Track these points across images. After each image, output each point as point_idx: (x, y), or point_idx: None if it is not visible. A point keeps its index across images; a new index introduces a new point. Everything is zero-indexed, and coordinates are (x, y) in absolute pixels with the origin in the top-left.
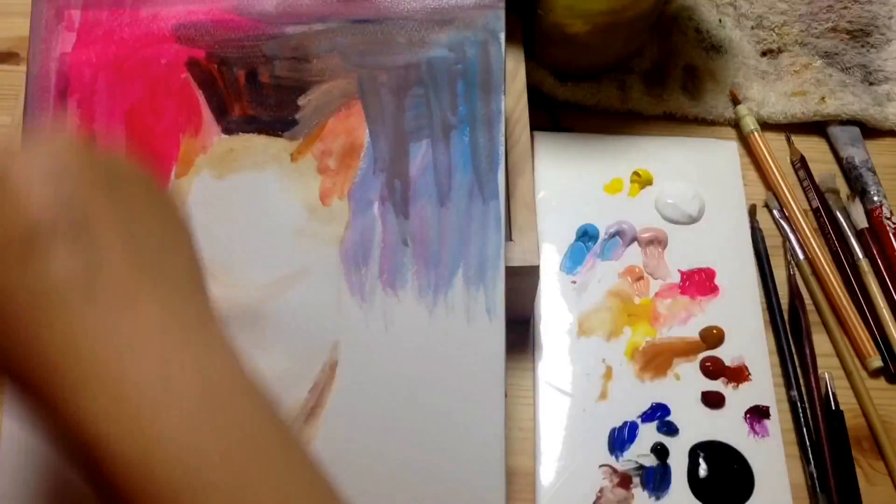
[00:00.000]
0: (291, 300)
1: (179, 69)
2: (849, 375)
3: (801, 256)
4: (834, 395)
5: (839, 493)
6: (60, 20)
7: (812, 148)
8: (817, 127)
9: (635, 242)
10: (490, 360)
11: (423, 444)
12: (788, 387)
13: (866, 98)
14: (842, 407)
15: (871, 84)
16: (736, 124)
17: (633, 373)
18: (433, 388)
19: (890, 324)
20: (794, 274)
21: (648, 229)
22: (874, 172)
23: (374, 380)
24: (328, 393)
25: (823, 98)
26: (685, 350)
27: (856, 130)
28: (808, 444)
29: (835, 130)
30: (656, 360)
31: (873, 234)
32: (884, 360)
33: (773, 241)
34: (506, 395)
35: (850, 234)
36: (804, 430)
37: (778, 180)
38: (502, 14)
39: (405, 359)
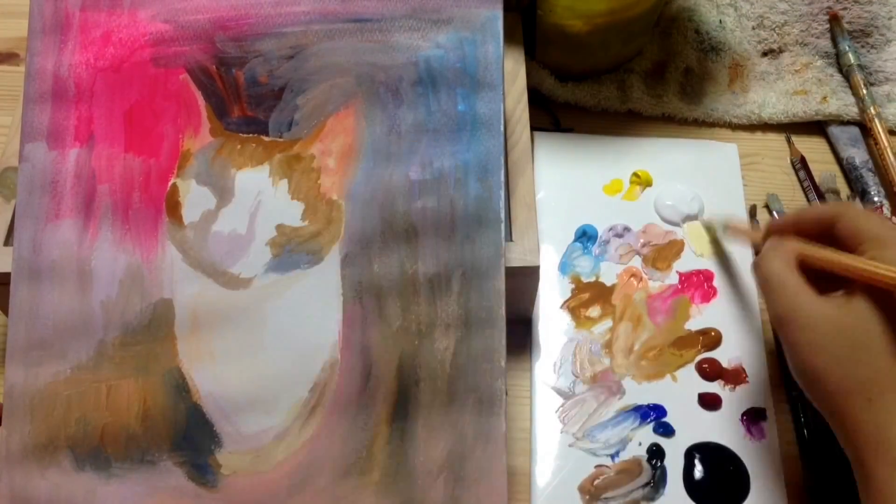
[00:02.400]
0: (291, 300)
1: (178, 70)
2: None
3: None
4: None
5: (839, 493)
6: (59, 21)
7: (812, 148)
8: (818, 127)
9: (634, 244)
10: (490, 361)
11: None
12: (789, 387)
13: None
14: None
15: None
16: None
17: (629, 374)
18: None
19: None
20: None
21: (647, 230)
22: (874, 173)
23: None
24: (328, 392)
25: (825, 98)
26: (682, 352)
27: (855, 130)
28: (807, 443)
29: (835, 130)
30: (653, 361)
31: None
32: None
33: None
34: (506, 394)
35: None
36: (804, 430)
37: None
38: (500, 14)
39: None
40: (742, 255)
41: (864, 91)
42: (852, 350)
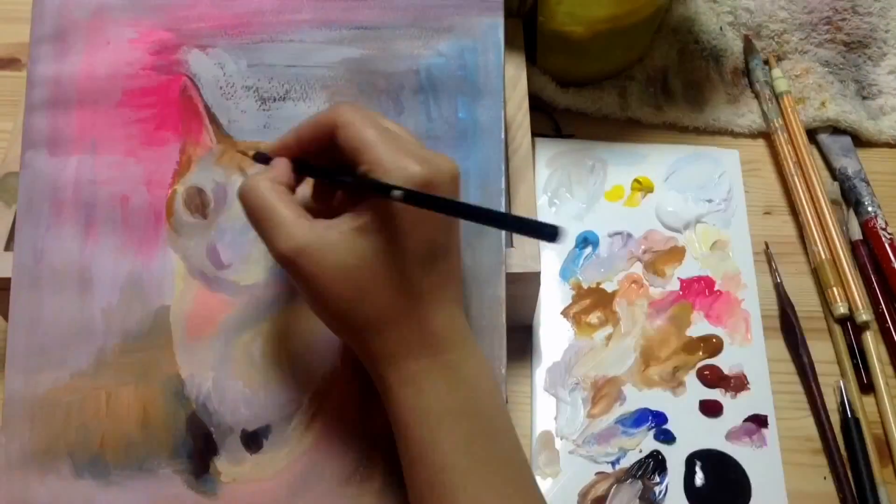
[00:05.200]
0: (291, 307)
1: (180, 77)
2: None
3: (823, 255)
4: (849, 402)
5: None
6: (61, 29)
7: (814, 156)
8: (812, 138)
9: (635, 250)
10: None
11: None
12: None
13: (861, 112)
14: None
15: (864, 98)
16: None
17: (630, 381)
18: None
19: (868, 336)
20: (781, 282)
21: (648, 237)
22: (868, 183)
23: None
24: (329, 399)
25: (824, 103)
26: (684, 358)
27: (847, 140)
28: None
29: (826, 140)
30: (654, 367)
31: (867, 245)
32: (857, 370)
33: (781, 248)
34: (506, 401)
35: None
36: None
37: (802, 151)
38: (501, 22)
39: None
40: (743, 263)
41: (768, 105)
42: (359, 292)
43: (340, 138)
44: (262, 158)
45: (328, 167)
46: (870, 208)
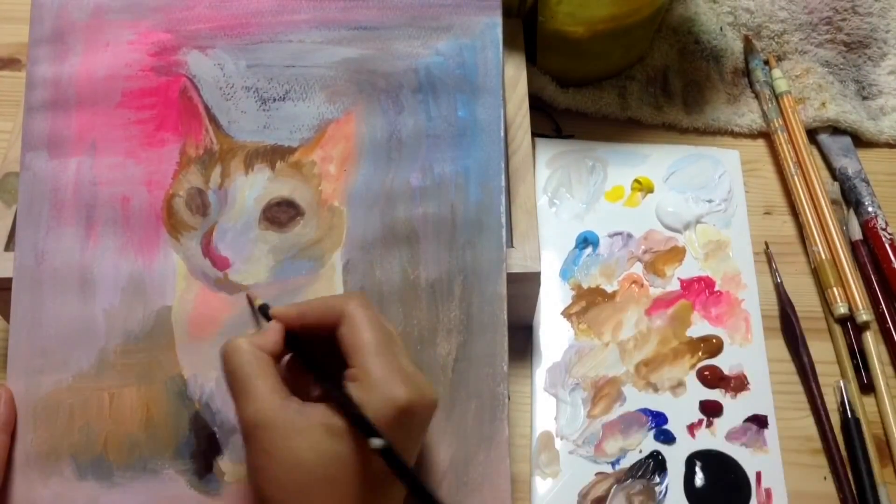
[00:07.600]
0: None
1: (179, 78)
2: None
3: (824, 255)
4: (849, 402)
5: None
6: (60, 30)
7: (815, 155)
8: (812, 138)
9: (635, 250)
10: (492, 366)
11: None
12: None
13: (861, 112)
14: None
15: (864, 98)
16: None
17: (631, 381)
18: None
19: (869, 336)
20: (781, 282)
21: (649, 237)
22: (868, 183)
23: None
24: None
25: (824, 103)
26: (684, 359)
27: (847, 140)
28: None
29: (826, 140)
30: (654, 368)
31: (867, 245)
32: (857, 370)
33: (781, 248)
34: (508, 398)
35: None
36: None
37: (802, 149)
38: (499, 20)
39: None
40: (743, 263)
41: (768, 105)
42: (305, 487)
43: (340, 332)
44: (266, 313)
45: (318, 363)
46: (870, 208)
